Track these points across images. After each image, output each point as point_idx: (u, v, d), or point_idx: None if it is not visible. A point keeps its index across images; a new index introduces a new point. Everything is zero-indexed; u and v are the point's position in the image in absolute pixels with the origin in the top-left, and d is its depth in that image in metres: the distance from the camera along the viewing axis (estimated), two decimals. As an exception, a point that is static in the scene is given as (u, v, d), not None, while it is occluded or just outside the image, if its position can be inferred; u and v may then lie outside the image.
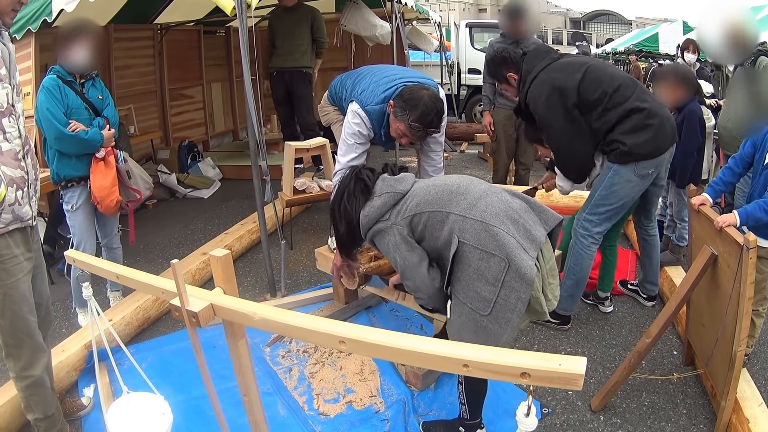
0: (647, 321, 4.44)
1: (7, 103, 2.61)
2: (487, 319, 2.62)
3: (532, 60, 4.10)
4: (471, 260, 2.61)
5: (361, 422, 3.45)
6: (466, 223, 2.63)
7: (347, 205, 2.92)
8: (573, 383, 1.29)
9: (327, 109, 4.92)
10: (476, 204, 2.68)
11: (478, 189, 2.77)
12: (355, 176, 2.97)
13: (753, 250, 2.79)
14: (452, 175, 3.01)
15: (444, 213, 2.69)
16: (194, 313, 1.79)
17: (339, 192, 3.00)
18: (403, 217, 2.76)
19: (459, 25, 15.29)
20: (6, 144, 2.62)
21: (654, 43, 20.06)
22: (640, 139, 3.82)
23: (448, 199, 2.72)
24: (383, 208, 2.81)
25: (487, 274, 2.59)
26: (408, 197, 2.82)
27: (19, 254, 2.74)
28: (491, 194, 2.75)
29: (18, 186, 2.66)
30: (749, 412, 3.15)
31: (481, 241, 2.59)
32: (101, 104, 4.54)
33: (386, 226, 2.80)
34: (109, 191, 4.34)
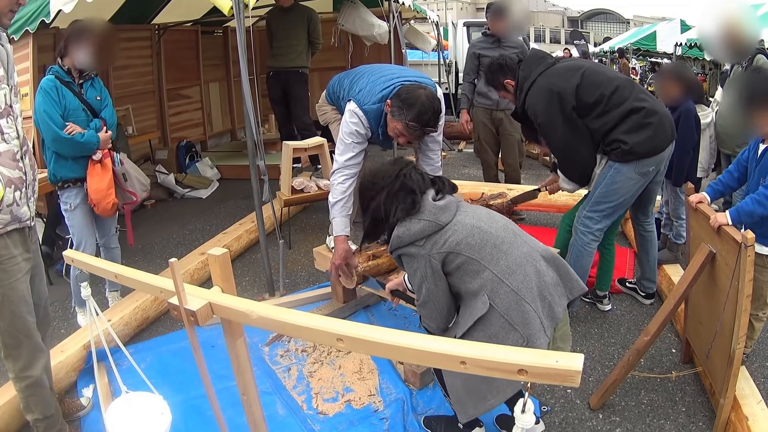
0: (646, 319, 4.44)
1: (5, 104, 2.61)
2: (484, 381, 2.62)
3: (528, 66, 4.11)
4: (492, 324, 2.61)
5: (360, 421, 3.45)
6: (500, 288, 2.61)
7: (383, 205, 2.82)
8: (570, 380, 1.29)
9: (325, 108, 4.92)
10: (515, 271, 2.65)
11: (520, 251, 2.72)
12: (402, 181, 2.83)
13: (751, 248, 2.79)
14: (495, 215, 2.91)
15: (482, 266, 2.64)
16: (192, 312, 1.80)
17: (378, 185, 2.88)
18: (438, 250, 2.67)
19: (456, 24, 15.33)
20: (4, 145, 2.62)
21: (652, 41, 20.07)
22: (641, 138, 3.83)
23: (490, 254, 2.66)
24: (420, 235, 2.70)
25: (501, 343, 2.56)
26: (448, 230, 2.70)
27: (17, 254, 2.74)
28: (530, 262, 2.71)
29: (16, 187, 2.67)
30: (748, 409, 3.16)
31: (510, 312, 2.59)
32: (99, 105, 4.53)
33: (418, 253, 2.70)
34: (105, 194, 4.33)
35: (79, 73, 4.39)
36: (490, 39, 6.72)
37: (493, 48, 6.61)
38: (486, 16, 7.01)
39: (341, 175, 4.06)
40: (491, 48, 6.63)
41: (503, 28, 6.57)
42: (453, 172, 9.51)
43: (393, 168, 2.89)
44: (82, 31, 4.19)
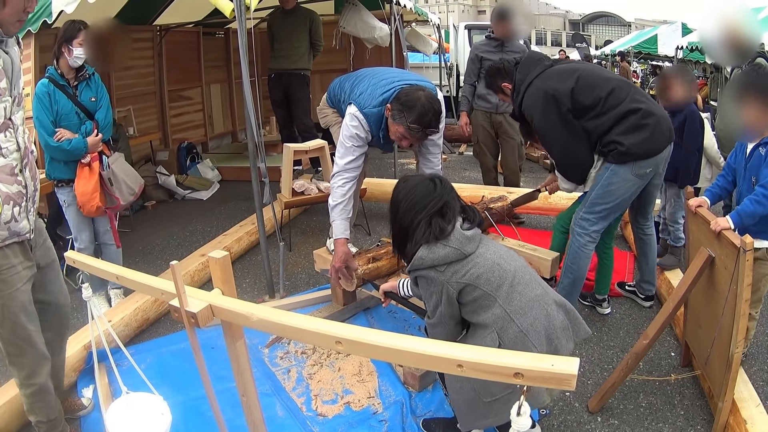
0: (645, 322, 4.45)
1: (4, 117, 2.59)
2: (486, 405, 2.70)
3: (525, 68, 4.12)
4: None
5: (359, 423, 3.45)
6: (510, 327, 2.64)
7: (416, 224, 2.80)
8: (566, 383, 1.30)
9: (326, 111, 4.93)
10: (527, 312, 2.68)
11: (534, 293, 2.74)
12: (443, 208, 2.81)
13: (750, 252, 2.80)
14: (514, 255, 2.91)
15: (497, 303, 2.66)
16: (193, 314, 1.81)
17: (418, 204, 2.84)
18: (458, 280, 2.68)
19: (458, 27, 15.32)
20: (1, 159, 2.61)
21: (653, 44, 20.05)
22: (638, 139, 3.83)
23: (506, 292, 2.68)
24: (443, 261, 2.69)
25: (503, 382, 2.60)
26: (470, 261, 2.71)
27: (17, 264, 2.74)
28: (542, 306, 2.73)
29: (15, 202, 2.66)
30: (746, 413, 3.16)
31: (514, 349, 2.60)
32: (94, 106, 4.55)
33: (437, 278, 2.71)
34: (90, 197, 4.42)
35: (75, 73, 4.41)
36: (493, 42, 6.72)
37: (495, 52, 6.61)
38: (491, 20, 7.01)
39: (341, 178, 4.06)
40: (494, 51, 6.63)
41: (507, 32, 6.58)
42: (453, 175, 9.51)
43: (437, 191, 2.86)
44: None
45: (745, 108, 3.37)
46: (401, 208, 2.88)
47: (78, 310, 4.69)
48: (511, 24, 6.49)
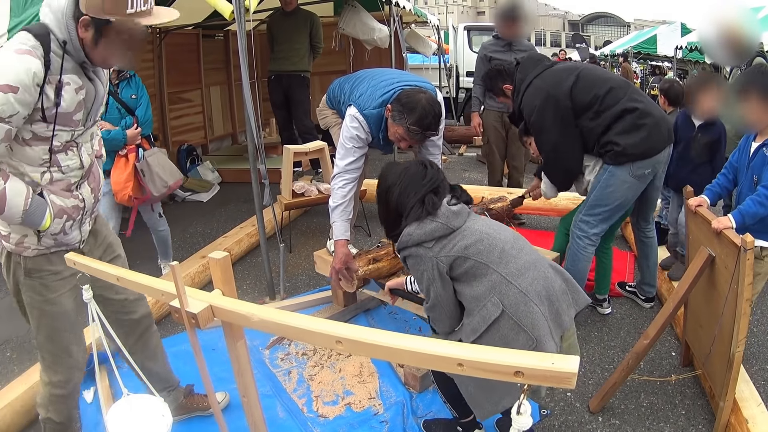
0: (645, 322, 4.45)
1: (67, 141, 2.56)
2: (501, 383, 2.59)
3: (525, 68, 4.14)
4: (501, 327, 2.62)
5: (360, 424, 3.46)
6: (509, 290, 2.63)
7: (400, 196, 2.86)
8: (566, 382, 1.30)
9: (325, 112, 4.93)
10: (524, 273, 2.67)
11: (528, 257, 2.75)
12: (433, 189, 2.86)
13: (750, 251, 2.80)
14: (504, 227, 2.93)
15: (490, 269, 2.66)
16: (194, 315, 1.81)
17: (404, 176, 2.90)
18: (446, 254, 2.69)
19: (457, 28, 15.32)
20: (59, 174, 2.57)
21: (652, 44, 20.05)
22: (635, 139, 3.84)
23: (498, 257, 2.68)
24: (430, 235, 2.71)
25: (511, 346, 2.57)
26: (457, 234, 2.72)
27: (62, 270, 2.67)
28: (538, 268, 2.74)
29: (69, 216, 2.62)
30: (748, 412, 3.16)
31: (518, 313, 2.60)
32: (134, 103, 4.90)
33: (425, 255, 2.72)
34: (123, 186, 4.68)
35: (116, 73, 4.78)
36: (501, 42, 6.72)
37: (504, 51, 6.61)
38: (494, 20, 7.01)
39: (341, 179, 4.07)
40: (502, 51, 6.63)
41: (513, 32, 6.57)
42: (454, 176, 9.51)
43: (428, 173, 2.91)
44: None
45: (747, 106, 3.37)
46: (395, 190, 2.89)
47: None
48: (517, 24, 6.48)
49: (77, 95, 2.50)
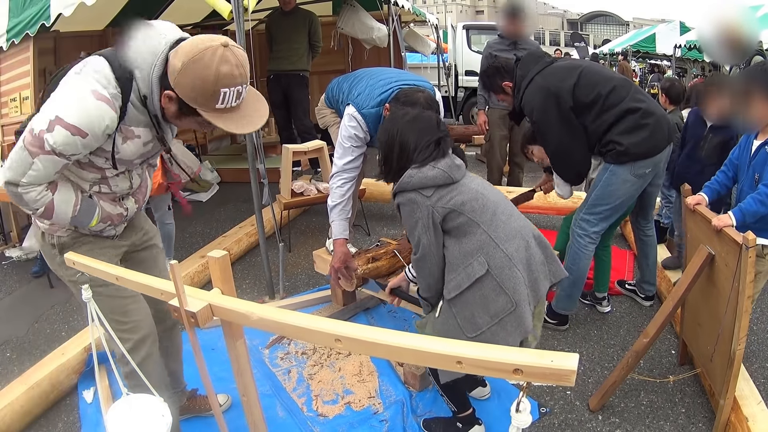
0: (645, 321, 4.45)
1: (121, 172, 2.57)
2: (467, 341, 2.64)
3: (526, 65, 4.11)
4: (484, 286, 2.69)
5: (360, 423, 3.46)
6: (496, 252, 2.70)
7: (405, 132, 2.89)
8: (565, 379, 1.30)
9: (324, 111, 4.93)
10: (511, 239, 2.75)
11: (516, 224, 2.83)
12: (443, 131, 2.93)
13: (752, 249, 2.79)
14: (496, 190, 2.99)
15: (481, 229, 2.73)
16: (193, 314, 1.81)
17: (419, 119, 2.94)
18: (443, 205, 2.73)
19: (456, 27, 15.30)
20: (107, 190, 2.59)
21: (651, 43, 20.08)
22: (637, 139, 3.83)
23: (489, 219, 2.75)
24: (431, 182, 2.75)
25: (490, 306, 2.69)
26: (456, 188, 2.77)
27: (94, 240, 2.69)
28: (523, 237, 2.81)
29: (112, 222, 2.64)
30: (748, 410, 3.16)
31: (502, 275, 2.68)
32: None
33: (423, 203, 2.74)
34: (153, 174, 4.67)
35: None
36: (506, 41, 6.72)
37: (509, 50, 6.60)
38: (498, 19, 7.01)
39: (340, 178, 4.07)
40: (507, 50, 6.62)
41: (516, 30, 6.57)
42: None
43: (440, 126, 2.96)
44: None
45: (750, 104, 3.36)
46: (407, 127, 2.91)
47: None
48: (520, 23, 6.48)
49: (144, 147, 2.53)
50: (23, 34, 5.87)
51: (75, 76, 2.29)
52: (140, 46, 2.35)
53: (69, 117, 2.18)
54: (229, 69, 2.20)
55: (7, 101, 6.54)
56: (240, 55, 2.27)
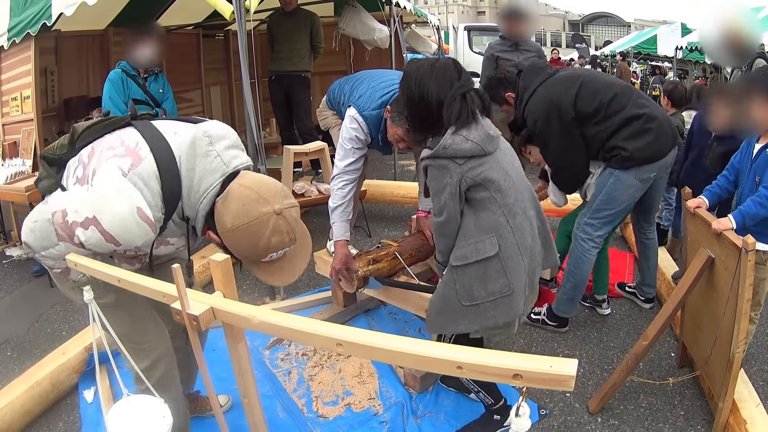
0: (645, 323, 4.45)
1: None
2: (461, 308, 2.81)
3: (528, 76, 4.12)
4: (489, 265, 2.76)
5: (360, 424, 3.47)
6: (509, 236, 2.76)
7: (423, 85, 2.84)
8: (564, 384, 1.31)
9: (325, 113, 4.93)
10: (523, 229, 2.82)
11: (531, 213, 2.91)
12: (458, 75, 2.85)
13: (752, 253, 2.80)
14: (522, 173, 3.00)
15: (500, 210, 2.76)
16: (195, 317, 1.81)
17: (446, 71, 2.85)
18: (472, 176, 2.72)
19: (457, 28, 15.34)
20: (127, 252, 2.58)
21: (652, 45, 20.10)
22: (641, 144, 3.83)
23: (512, 203, 2.79)
24: (467, 153, 2.71)
25: (489, 283, 2.76)
26: (487, 161, 2.75)
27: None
28: (532, 226, 2.89)
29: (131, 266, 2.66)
30: (747, 413, 3.17)
31: (508, 260, 2.77)
32: (161, 97, 5.37)
33: (455, 170, 2.73)
34: None
35: (144, 69, 5.26)
36: (508, 42, 6.68)
37: (511, 51, 6.58)
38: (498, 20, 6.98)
39: (341, 180, 4.07)
40: (509, 51, 6.59)
41: (517, 31, 6.56)
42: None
43: (459, 76, 2.85)
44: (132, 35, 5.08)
45: (752, 106, 3.36)
46: (425, 78, 2.85)
47: (79, 311, 4.72)
48: (521, 24, 6.47)
49: (175, 250, 2.59)
50: (24, 33, 5.89)
51: (120, 179, 2.22)
52: (197, 165, 2.33)
53: (107, 224, 2.15)
54: (280, 239, 2.22)
55: (8, 100, 6.57)
56: (292, 219, 2.29)
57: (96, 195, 2.19)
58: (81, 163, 2.42)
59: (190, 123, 2.53)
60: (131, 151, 2.30)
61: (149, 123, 2.48)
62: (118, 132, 2.48)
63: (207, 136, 2.35)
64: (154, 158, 2.28)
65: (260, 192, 2.23)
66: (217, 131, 2.41)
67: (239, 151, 2.46)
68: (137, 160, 2.26)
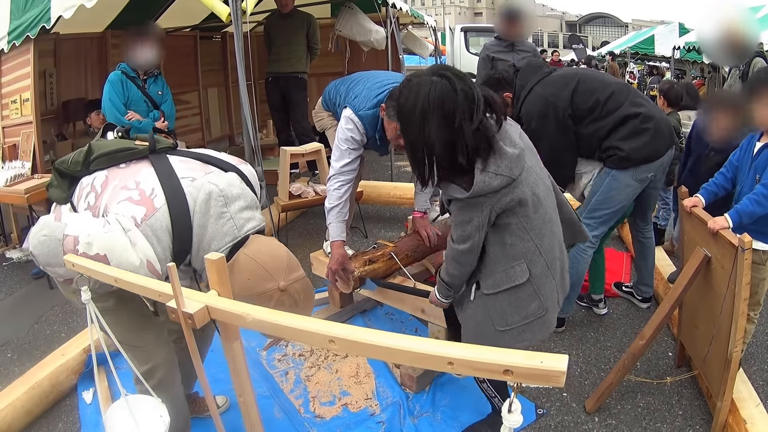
0: (642, 323, 4.44)
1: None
2: (496, 333, 2.77)
3: (525, 75, 4.13)
4: (521, 291, 2.73)
5: (357, 424, 3.48)
6: (538, 260, 2.71)
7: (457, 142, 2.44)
8: (555, 380, 1.31)
9: (321, 114, 4.94)
10: (552, 249, 2.77)
11: (557, 229, 2.84)
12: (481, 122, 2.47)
13: (748, 251, 2.80)
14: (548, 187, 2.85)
15: (528, 235, 2.66)
16: (190, 315, 1.82)
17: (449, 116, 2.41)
18: (503, 205, 2.56)
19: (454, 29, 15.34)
20: None
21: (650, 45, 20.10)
22: (638, 144, 3.84)
23: (539, 227, 2.68)
24: (496, 188, 2.51)
25: (521, 308, 2.74)
26: (516, 185, 2.55)
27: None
28: (560, 245, 2.86)
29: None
30: (746, 412, 3.17)
31: (539, 283, 2.73)
32: (160, 99, 5.44)
33: (484, 203, 2.55)
34: None
35: (144, 70, 5.34)
36: (503, 43, 6.68)
37: (506, 52, 6.57)
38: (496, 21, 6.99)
39: (337, 181, 4.08)
40: (505, 52, 6.59)
41: (514, 32, 6.56)
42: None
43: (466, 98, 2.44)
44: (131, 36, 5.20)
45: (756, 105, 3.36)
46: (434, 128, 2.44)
47: (78, 313, 4.72)
48: (518, 25, 6.47)
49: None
50: (24, 36, 5.91)
51: (133, 229, 2.23)
52: (209, 225, 2.35)
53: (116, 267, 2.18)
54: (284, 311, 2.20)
55: (8, 103, 6.58)
56: (296, 293, 2.32)
57: (110, 238, 2.21)
58: (94, 189, 2.45)
59: (208, 164, 2.55)
60: (146, 198, 2.32)
61: (168, 162, 2.50)
62: (135, 166, 2.51)
63: (222, 196, 2.37)
64: (168, 210, 2.30)
65: (266, 267, 2.28)
66: (233, 190, 2.43)
67: (253, 212, 2.49)
68: (151, 210, 2.29)
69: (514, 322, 2.75)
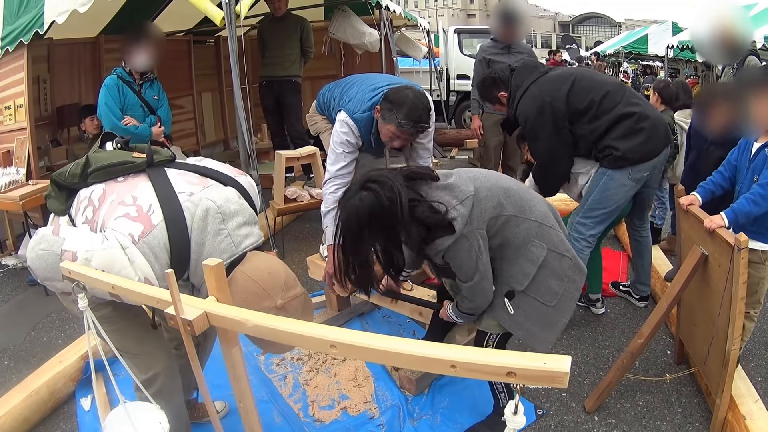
0: (640, 322, 4.45)
1: None
2: (553, 309, 2.89)
3: (521, 75, 4.14)
4: (549, 262, 2.85)
5: (357, 428, 3.47)
6: (543, 231, 2.86)
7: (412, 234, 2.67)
8: (558, 381, 1.31)
9: (315, 118, 4.94)
10: (547, 215, 2.94)
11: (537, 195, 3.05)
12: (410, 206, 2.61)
13: (744, 250, 2.80)
14: (503, 176, 3.07)
15: (521, 218, 2.82)
16: (189, 321, 1.82)
17: (389, 221, 2.60)
18: (482, 219, 2.72)
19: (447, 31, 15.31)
20: None
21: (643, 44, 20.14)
22: (633, 144, 3.84)
23: (522, 205, 2.84)
24: (468, 215, 2.67)
25: (558, 271, 2.86)
26: (479, 197, 2.72)
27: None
28: (544, 201, 3.04)
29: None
30: (745, 409, 3.18)
31: (556, 244, 2.89)
32: (156, 104, 5.43)
33: (469, 232, 2.68)
34: None
35: (140, 75, 5.31)
36: (499, 45, 6.69)
37: (503, 54, 6.59)
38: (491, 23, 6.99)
39: (333, 184, 4.07)
40: (501, 54, 6.60)
41: (510, 34, 6.56)
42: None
43: (388, 194, 2.59)
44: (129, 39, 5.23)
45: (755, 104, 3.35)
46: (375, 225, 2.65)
47: (75, 319, 4.71)
48: (514, 26, 6.48)
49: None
50: (17, 41, 5.89)
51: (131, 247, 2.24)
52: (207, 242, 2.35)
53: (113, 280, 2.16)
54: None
55: (1, 109, 6.56)
56: (293, 310, 2.31)
57: (109, 254, 2.20)
58: (91, 203, 2.45)
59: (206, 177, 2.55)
60: (143, 215, 2.31)
61: (165, 176, 2.49)
62: (132, 180, 2.50)
63: (220, 213, 2.37)
64: (166, 227, 2.29)
65: (264, 285, 2.27)
66: (230, 207, 2.42)
67: (251, 228, 2.49)
68: (149, 227, 2.28)
69: (559, 288, 2.88)
